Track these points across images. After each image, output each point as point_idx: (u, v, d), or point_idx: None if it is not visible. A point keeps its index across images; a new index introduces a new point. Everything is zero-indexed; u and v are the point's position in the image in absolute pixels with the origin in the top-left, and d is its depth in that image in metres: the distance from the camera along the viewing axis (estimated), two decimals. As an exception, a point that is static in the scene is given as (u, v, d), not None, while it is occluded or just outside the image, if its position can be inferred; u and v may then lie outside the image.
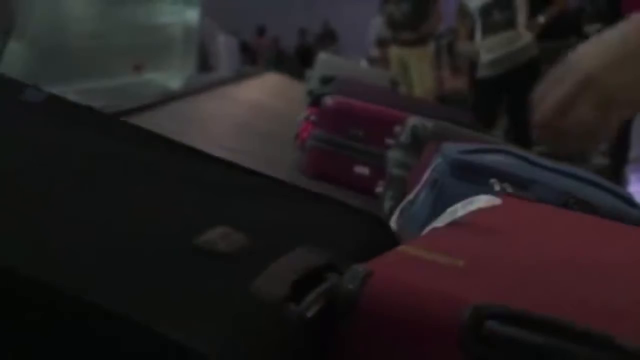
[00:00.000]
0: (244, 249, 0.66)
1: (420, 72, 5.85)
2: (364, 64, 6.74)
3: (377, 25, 7.12)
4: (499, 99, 4.37)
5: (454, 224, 0.79)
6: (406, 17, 5.37)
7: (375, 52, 7.27)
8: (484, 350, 0.52)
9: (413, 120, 1.47)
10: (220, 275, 0.62)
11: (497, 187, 1.08)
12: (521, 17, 4.27)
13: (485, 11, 4.30)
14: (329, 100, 1.92)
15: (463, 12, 4.73)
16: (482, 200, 0.84)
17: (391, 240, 0.77)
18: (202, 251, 0.65)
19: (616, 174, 4.11)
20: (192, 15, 5.59)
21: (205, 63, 7.67)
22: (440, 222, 0.82)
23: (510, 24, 4.25)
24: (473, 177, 1.11)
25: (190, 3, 5.58)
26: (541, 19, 4.32)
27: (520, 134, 4.17)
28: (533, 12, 4.34)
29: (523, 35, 4.25)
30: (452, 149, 1.17)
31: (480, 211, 0.82)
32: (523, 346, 0.51)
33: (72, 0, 4.38)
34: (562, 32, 4.96)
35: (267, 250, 0.66)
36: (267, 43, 13.36)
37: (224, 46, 8.18)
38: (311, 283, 0.60)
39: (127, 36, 4.65)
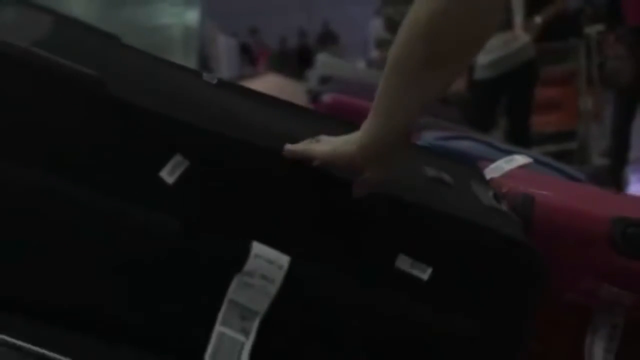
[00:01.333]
0: (451, 180, 0.95)
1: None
2: (361, 65, 6.78)
3: (375, 26, 7.14)
4: (497, 101, 4.38)
5: (513, 175, 1.08)
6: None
7: (375, 53, 7.28)
8: (629, 247, 0.89)
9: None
10: (464, 196, 0.93)
11: None
12: (518, 18, 4.28)
13: (483, 12, 4.30)
14: (325, 98, 2.03)
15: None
16: (520, 159, 1.14)
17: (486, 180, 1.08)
18: (438, 181, 0.94)
19: (616, 174, 4.12)
20: (193, 16, 5.61)
21: (205, 65, 7.68)
22: (492, 174, 1.10)
23: (507, 24, 4.26)
24: None
25: (191, 4, 5.59)
26: (538, 19, 4.33)
27: (519, 135, 4.18)
28: (531, 14, 4.35)
29: (520, 37, 4.26)
30: (429, 136, 1.39)
31: (524, 166, 1.13)
32: None
33: (72, 0, 4.40)
34: (561, 33, 4.96)
35: (458, 182, 0.95)
36: (270, 44, 13.36)
37: (224, 48, 8.19)
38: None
39: (127, 37, 4.67)
